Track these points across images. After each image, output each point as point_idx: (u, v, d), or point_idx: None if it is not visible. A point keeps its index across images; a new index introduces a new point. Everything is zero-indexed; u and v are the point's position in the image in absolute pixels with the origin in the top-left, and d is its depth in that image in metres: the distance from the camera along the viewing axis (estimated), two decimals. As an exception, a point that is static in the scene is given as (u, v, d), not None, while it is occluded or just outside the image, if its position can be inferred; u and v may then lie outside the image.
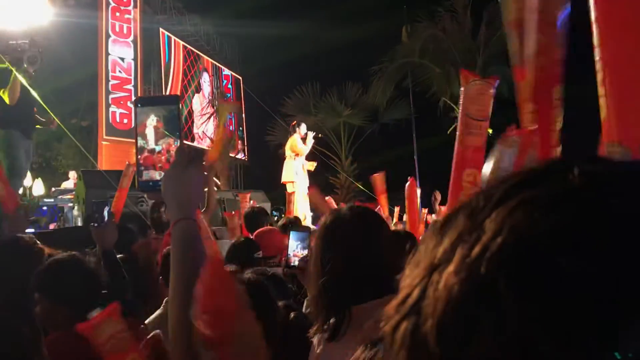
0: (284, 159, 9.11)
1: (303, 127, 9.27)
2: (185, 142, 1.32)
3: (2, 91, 5.42)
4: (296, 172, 8.91)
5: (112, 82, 13.36)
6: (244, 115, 20.38)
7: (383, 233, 1.59)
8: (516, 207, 0.38)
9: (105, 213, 2.93)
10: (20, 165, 5.58)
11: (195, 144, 16.52)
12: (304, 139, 9.05)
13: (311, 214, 8.37)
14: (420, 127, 18.02)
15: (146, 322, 2.64)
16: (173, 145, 1.30)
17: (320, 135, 10.72)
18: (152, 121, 1.31)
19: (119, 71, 13.56)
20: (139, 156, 1.32)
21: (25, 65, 5.41)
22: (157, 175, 1.31)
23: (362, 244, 1.50)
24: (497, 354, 0.34)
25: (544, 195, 0.37)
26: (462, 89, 2.22)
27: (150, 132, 1.32)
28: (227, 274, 0.90)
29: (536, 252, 0.35)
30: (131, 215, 5.18)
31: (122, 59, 13.66)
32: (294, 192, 8.87)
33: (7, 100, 5.42)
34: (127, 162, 4.97)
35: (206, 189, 1.21)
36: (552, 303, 0.33)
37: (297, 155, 8.95)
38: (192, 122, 16.96)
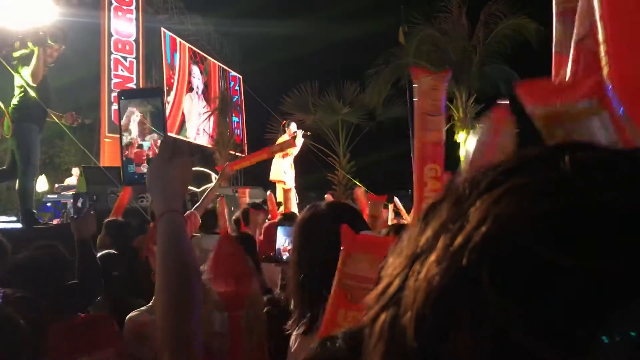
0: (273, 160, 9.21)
1: (293, 125, 9.38)
2: (169, 134, 1.30)
3: (24, 73, 5.38)
4: (284, 171, 8.99)
5: (114, 80, 13.41)
6: (243, 113, 20.41)
7: (358, 227, 1.56)
8: (502, 195, 0.35)
9: (79, 204, 2.93)
10: (37, 160, 5.56)
11: (191, 140, 16.52)
12: (293, 138, 9.12)
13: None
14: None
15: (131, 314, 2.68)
16: (159, 141, 1.27)
17: (309, 133, 10.78)
18: (136, 117, 1.29)
19: (121, 70, 13.61)
20: (126, 152, 1.30)
21: (49, 42, 5.36)
22: (142, 168, 1.29)
23: (337, 239, 1.45)
24: (475, 348, 0.32)
25: (532, 183, 0.35)
26: (414, 86, 2.22)
27: (134, 127, 1.29)
28: (238, 246, 0.93)
29: (520, 243, 0.33)
30: (132, 211, 5.22)
31: (124, 58, 13.71)
32: (290, 189, 8.94)
33: (31, 82, 5.39)
34: None
35: (210, 186, 1.22)
36: (534, 297, 0.31)
37: (285, 155, 9.02)
38: (184, 120, 16.88)
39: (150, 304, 2.68)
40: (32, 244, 2.46)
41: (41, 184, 13.11)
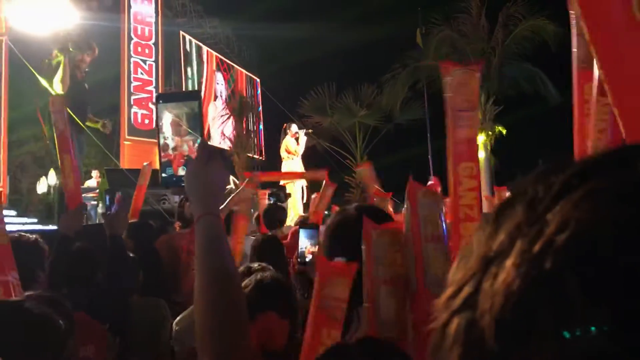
0: (283, 163, 9.32)
1: (293, 127, 9.55)
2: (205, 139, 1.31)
3: (53, 82, 5.48)
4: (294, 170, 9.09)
5: (134, 83, 13.50)
6: (261, 116, 20.45)
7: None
8: (582, 199, 0.35)
9: (113, 200, 2.98)
10: (80, 161, 5.66)
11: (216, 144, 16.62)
12: (296, 139, 9.22)
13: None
14: (435, 127, 17.94)
15: (175, 321, 2.66)
16: (196, 144, 1.29)
17: (310, 130, 10.84)
18: (168, 118, 1.30)
19: (141, 73, 13.69)
20: (162, 153, 1.32)
21: (71, 49, 5.46)
22: (180, 170, 1.31)
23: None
24: (558, 352, 0.32)
25: (613, 186, 0.35)
26: (444, 80, 2.16)
27: (167, 129, 1.31)
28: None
29: (606, 248, 0.32)
30: (153, 213, 5.22)
31: (144, 61, 13.79)
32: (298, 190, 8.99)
33: (61, 90, 5.49)
34: (144, 163, 5.01)
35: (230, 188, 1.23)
36: (622, 303, 0.31)
37: (290, 154, 9.11)
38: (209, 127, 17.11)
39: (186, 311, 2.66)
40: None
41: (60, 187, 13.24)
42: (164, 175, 1.32)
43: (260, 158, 20.17)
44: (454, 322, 0.38)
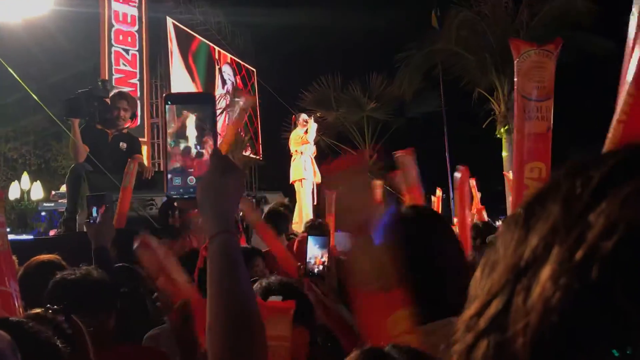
0: (292, 158, 9.33)
1: (302, 116, 9.56)
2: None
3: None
4: (304, 167, 9.10)
5: (115, 75, 13.47)
6: (258, 110, 20.42)
7: (450, 238, 1.54)
8: (631, 196, 0.33)
9: (94, 211, 2.94)
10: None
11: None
12: (305, 131, 9.24)
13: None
14: (452, 121, 17.90)
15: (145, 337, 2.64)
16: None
17: (319, 114, 10.84)
18: (192, 120, 1.31)
19: (123, 64, 13.68)
20: (174, 160, 1.32)
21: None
22: (188, 180, 1.32)
23: (427, 251, 1.46)
24: None
25: None
26: (515, 61, 2.06)
27: (192, 133, 1.31)
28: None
29: None
30: (139, 220, 5.18)
31: (127, 51, 13.77)
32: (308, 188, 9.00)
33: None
34: (129, 160, 4.98)
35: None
36: None
37: (301, 148, 9.15)
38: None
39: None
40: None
41: (36, 191, 13.24)
42: (170, 185, 1.33)
43: (258, 158, 20.15)
44: (481, 345, 0.37)
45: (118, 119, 6.00)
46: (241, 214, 3.85)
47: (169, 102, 1.34)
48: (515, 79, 2.05)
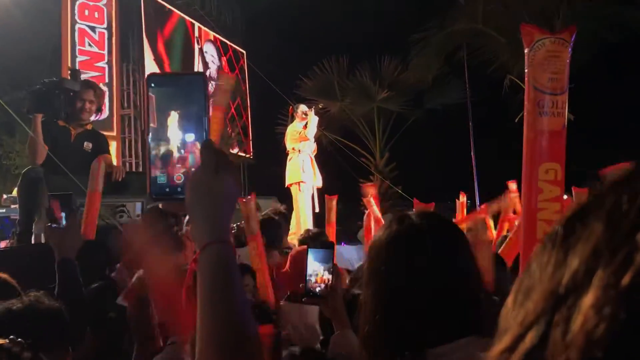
0: (288, 157, 9.31)
1: (301, 107, 9.54)
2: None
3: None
4: (303, 168, 9.06)
5: (79, 58, 13.47)
6: (248, 99, 20.44)
7: (468, 251, 1.58)
8: None
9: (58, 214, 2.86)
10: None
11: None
12: (305, 125, 9.22)
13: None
14: (479, 114, 17.89)
15: None
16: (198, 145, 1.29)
17: (320, 105, 10.82)
18: (173, 118, 1.30)
19: (89, 44, 13.68)
20: (158, 165, 1.31)
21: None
22: (175, 178, 1.30)
23: (446, 265, 1.49)
24: None
25: None
26: (525, 51, 2.13)
27: (174, 134, 1.30)
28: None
29: None
30: (108, 230, 5.23)
31: (92, 28, 13.80)
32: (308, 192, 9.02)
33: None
34: (98, 157, 5.00)
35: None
36: None
37: (300, 146, 9.16)
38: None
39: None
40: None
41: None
42: (154, 183, 1.31)
43: (248, 156, 20.15)
44: None
45: (82, 112, 6.02)
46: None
47: (153, 85, 1.33)
48: (527, 70, 2.12)
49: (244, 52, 20.95)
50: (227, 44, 20.07)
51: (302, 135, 9.19)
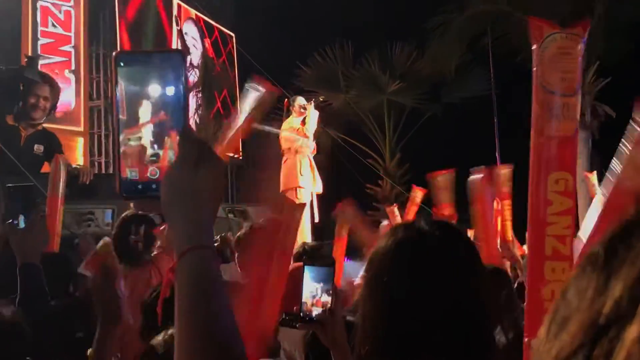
0: (283, 158, 9.32)
1: (298, 100, 9.59)
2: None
3: None
4: (301, 171, 9.10)
5: (41, 40, 13.52)
6: (237, 91, 20.48)
7: (481, 266, 1.62)
8: None
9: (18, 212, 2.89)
10: None
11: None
12: (303, 120, 9.25)
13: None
14: (505, 108, 17.92)
15: None
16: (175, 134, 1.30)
17: (321, 98, 10.86)
18: (147, 107, 1.30)
19: (53, 24, 13.72)
20: (128, 161, 1.31)
21: None
22: (149, 173, 1.30)
23: (456, 279, 1.53)
24: None
25: None
26: (533, 47, 2.19)
27: (147, 131, 1.31)
28: None
29: None
30: (72, 241, 5.20)
31: (58, 7, 13.82)
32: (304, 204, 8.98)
33: None
34: (55, 156, 4.98)
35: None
36: None
37: (295, 146, 9.06)
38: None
39: None
40: None
41: None
42: (125, 180, 1.31)
43: (236, 157, 20.19)
44: None
45: (35, 109, 5.98)
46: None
47: (122, 64, 1.33)
48: (535, 68, 2.20)
49: (233, 35, 21.00)
50: (212, 25, 20.06)
51: (300, 132, 9.18)
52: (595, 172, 7.00)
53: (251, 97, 2.46)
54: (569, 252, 1.90)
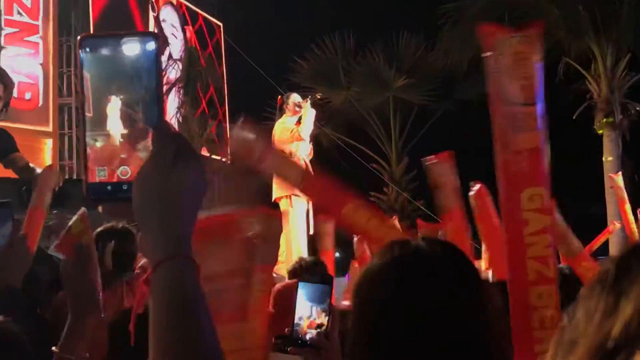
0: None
1: (293, 97, 9.51)
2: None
3: None
4: None
5: (6, 30, 13.52)
6: (225, 86, 20.46)
7: (485, 287, 1.61)
8: None
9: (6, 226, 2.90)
10: None
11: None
12: (298, 120, 9.21)
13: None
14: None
15: None
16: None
17: (318, 95, 10.83)
18: (115, 103, 1.27)
19: (18, 12, 13.72)
20: (94, 154, 1.29)
21: None
22: (120, 172, 1.26)
23: (459, 301, 1.51)
24: None
25: None
26: (487, 54, 2.23)
27: (114, 122, 1.28)
28: None
29: None
30: (41, 257, 5.19)
31: (24, -5, 13.83)
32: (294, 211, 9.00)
33: None
34: (47, 166, 4.99)
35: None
36: None
37: (291, 147, 9.07)
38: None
39: None
40: None
41: None
42: (91, 181, 1.28)
43: (224, 160, 20.17)
44: None
45: None
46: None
47: (88, 49, 1.31)
48: (491, 79, 2.23)
49: (221, 24, 20.98)
50: (195, 12, 19.97)
51: (294, 133, 9.13)
52: (620, 173, 7.03)
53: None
54: (552, 273, 1.91)
